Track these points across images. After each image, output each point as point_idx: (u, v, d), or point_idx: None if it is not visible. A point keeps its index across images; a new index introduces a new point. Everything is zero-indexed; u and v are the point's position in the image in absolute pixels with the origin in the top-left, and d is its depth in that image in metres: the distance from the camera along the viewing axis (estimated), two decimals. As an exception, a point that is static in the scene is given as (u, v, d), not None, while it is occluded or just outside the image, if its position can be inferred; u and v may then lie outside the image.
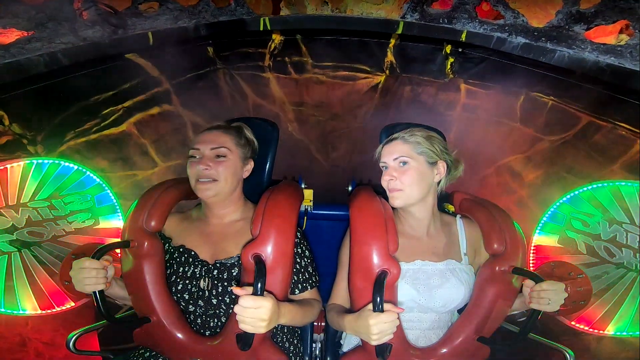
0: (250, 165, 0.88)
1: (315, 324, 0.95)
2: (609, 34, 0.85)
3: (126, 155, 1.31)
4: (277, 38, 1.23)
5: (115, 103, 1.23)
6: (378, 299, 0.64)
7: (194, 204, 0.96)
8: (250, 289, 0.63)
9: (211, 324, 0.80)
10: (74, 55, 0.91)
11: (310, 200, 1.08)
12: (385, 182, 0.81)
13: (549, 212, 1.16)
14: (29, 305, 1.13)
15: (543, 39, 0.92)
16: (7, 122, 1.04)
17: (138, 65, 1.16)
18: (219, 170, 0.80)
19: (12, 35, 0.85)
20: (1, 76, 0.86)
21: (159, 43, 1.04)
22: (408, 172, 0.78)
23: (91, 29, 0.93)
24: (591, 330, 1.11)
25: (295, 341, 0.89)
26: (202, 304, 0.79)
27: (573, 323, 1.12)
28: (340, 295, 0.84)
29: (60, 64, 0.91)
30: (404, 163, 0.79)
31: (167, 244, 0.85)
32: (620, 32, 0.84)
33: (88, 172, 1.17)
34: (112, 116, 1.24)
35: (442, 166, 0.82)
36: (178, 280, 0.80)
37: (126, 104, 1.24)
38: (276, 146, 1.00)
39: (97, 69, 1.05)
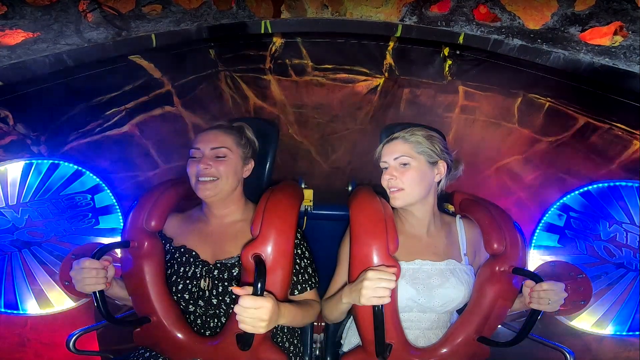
0: (251, 165, 0.89)
1: (315, 324, 0.95)
2: (603, 36, 0.86)
3: (128, 156, 1.32)
4: (277, 41, 1.24)
5: (118, 104, 1.23)
6: None
7: (194, 204, 0.96)
8: (250, 289, 0.63)
9: (211, 324, 0.80)
10: (79, 57, 0.92)
11: (310, 200, 1.09)
12: (385, 181, 0.81)
13: (549, 212, 1.17)
14: (29, 305, 1.12)
15: (539, 40, 0.93)
16: (11, 122, 1.05)
17: (141, 66, 1.17)
18: (220, 169, 0.80)
19: (18, 36, 0.86)
20: (7, 77, 0.87)
21: (162, 45, 1.05)
22: (408, 172, 0.78)
23: (95, 31, 0.94)
24: (591, 330, 1.10)
25: (295, 341, 0.88)
26: (203, 304, 0.79)
27: (573, 323, 1.12)
28: (336, 290, 0.84)
29: (65, 65, 0.92)
30: (405, 163, 0.79)
31: (168, 244, 0.86)
32: (615, 33, 0.85)
33: (88, 172, 1.18)
34: (115, 117, 1.25)
35: (442, 166, 0.82)
36: (178, 280, 0.80)
37: (129, 105, 1.25)
38: (276, 146, 1.01)
39: (101, 70, 1.06)
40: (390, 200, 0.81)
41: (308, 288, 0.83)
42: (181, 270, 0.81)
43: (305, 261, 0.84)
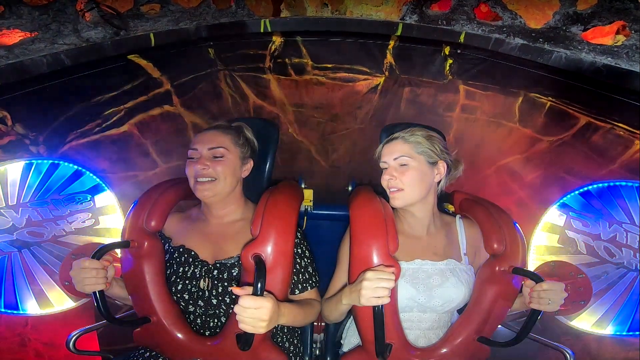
0: (250, 165, 0.89)
1: (315, 324, 0.95)
2: (605, 35, 0.85)
3: (127, 156, 1.32)
4: (277, 40, 1.24)
5: (117, 104, 1.23)
6: None
7: (194, 204, 0.96)
8: (250, 289, 0.62)
9: (211, 324, 0.80)
10: (77, 56, 0.92)
11: (310, 200, 1.09)
12: (385, 181, 0.81)
13: (549, 212, 1.17)
14: (29, 305, 1.12)
15: (541, 40, 0.93)
16: (10, 123, 1.05)
17: (139, 66, 1.16)
18: (218, 169, 0.80)
19: (15, 36, 0.86)
20: (5, 77, 0.87)
21: (161, 44, 1.05)
22: (408, 172, 0.78)
23: (93, 30, 0.94)
24: (591, 330, 1.10)
25: (295, 341, 0.88)
26: (202, 304, 0.79)
27: (573, 323, 1.12)
28: (336, 291, 0.84)
29: (62, 64, 0.91)
30: (404, 163, 0.79)
31: (167, 244, 0.85)
32: (617, 32, 0.85)
33: (88, 172, 1.17)
34: (113, 117, 1.25)
35: (442, 166, 0.82)
36: (178, 280, 0.80)
37: (128, 105, 1.25)
38: (276, 146, 1.00)
39: (99, 70, 1.06)
40: (390, 200, 0.81)
41: (308, 287, 0.83)
42: (180, 270, 0.81)
43: (306, 260, 0.84)
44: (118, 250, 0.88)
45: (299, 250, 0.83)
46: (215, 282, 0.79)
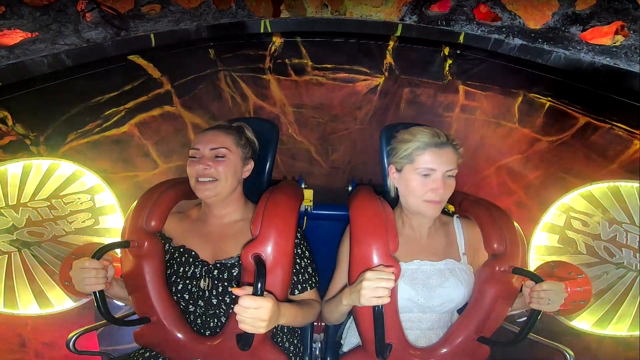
0: (251, 165, 0.89)
1: (315, 324, 0.95)
2: (604, 35, 0.86)
3: (128, 156, 1.32)
4: (277, 40, 1.25)
5: (117, 104, 1.24)
6: None
7: (194, 204, 0.96)
8: (250, 289, 0.62)
9: (211, 324, 0.80)
10: (77, 57, 0.93)
11: (310, 200, 1.09)
12: (431, 191, 0.75)
13: (549, 212, 1.17)
14: (29, 305, 1.12)
15: (540, 40, 0.93)
16: (10, 123, 1.05)
17: (140, 66, 1.17)
18: (219, 169, 0.80)
19: (16, 37, 0.86)
20: (5, 77, 0.87)
21: (161, 45, 1.06)
22: (452, 185, 0.76)
23: (94, 31, 0.94)
24: (591, 330, 1.10)
25: (295, 341, 0.89)
26: (202, 304, 0.79)
27: (573, 323, 1.12)
28: (336, 292, 0.84)
29: (63, 65, 0.92)
30: (452, 176, 0.76)
31: (168, 244, 0.86)
32: (616, 33, 0.85)
33: (88, 172, 1.18)
34: (114, 117, 1.26)
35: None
36: (178, 280, 0.80)
37: (128, 105, 1.26)
38: (276, 146, 1.00)
39: (100, 70, 1.07)
40: (426, 210, 0.76)
41: (308, 288, 0.83)
42: (181, 270, 0.81)
43: (306, 261, 0.84)
44: (118, 250, 0.88)
45: (299, 251, 0.83)
46: (216, 282, 0.79)
